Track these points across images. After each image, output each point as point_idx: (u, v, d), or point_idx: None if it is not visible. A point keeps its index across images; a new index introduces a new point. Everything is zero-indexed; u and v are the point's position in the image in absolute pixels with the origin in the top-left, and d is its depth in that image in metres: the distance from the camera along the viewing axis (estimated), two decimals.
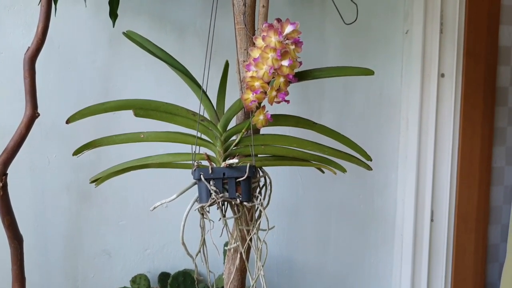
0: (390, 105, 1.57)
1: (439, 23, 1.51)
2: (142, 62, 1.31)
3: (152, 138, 0.95)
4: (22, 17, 1.23)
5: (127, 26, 1.14)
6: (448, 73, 1.53)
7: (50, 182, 1.30)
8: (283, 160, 0.97)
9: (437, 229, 1.59)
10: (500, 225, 1.72)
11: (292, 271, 1.53)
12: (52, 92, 1.27)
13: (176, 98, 1.03)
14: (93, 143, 0.97)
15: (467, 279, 1.64)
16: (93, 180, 1.01)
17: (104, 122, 1.25)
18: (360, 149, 0.99)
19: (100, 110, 0.94)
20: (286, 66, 0.83)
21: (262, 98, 0.85)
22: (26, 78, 1.01)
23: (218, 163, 0.93)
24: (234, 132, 0.93)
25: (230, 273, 0.99)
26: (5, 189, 1.03)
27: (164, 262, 1.40)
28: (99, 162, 1.26)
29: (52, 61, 1.26)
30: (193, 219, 0.91)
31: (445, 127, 1.55)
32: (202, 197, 0.88)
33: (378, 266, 1.62)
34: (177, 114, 0.93)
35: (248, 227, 0.95)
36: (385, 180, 1.59)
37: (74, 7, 1.25)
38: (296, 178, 1.50)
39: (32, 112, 1.01)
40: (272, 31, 0.82)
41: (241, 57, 0.94)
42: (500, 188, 1.70)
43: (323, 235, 1.55)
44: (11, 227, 1.06)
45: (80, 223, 1.34)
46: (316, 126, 0.96)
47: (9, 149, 1.02)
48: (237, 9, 0.93)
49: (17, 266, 1.08)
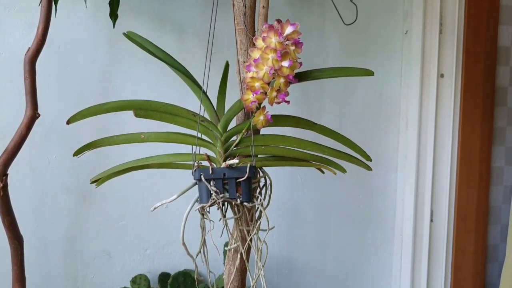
0: (390, 105, 1.57)
1: (439, 23, 1.51)
2: (141, 62, 1.31)
3: (152, 139, 0.95)
4: (22, 18, 1.23)
5: (127, 26, 1.14)
6: (448, 73, 1.53)
7: (50, 183, 1.30)
8: (283, 161, 0.98)
9: (437, 229, 1.59)
10: (500, 225, 1.72)
11: (292, 271, 1.53)
12: (52, 93, 1.27)
13: (175, 98, 1.03)
14: (93, 143, 0.97)
15: (467, 279, 1.64)
16: (94, 181, 1.01)
17: (104, 123, 1.25)
18: (360, 150, 0.99)
19: (101, 111, 0.94)
20: (286, 67, 0.83)
21: (262, 98, 0.86)
22: (27, 79, 1.01)
23: (218, 163, 0.93)
24: (234, 132, 0.93)
25: (230, 274, 0.99)
26: (6, 189, 1.04)
27: (164, 262, 1.40)
28: (99, 162, 1.26)
29: (52, 62, 1.26)
30: (193, 219, 0.91)
31: (444, 127, 1.55)
32: (202, 198, 0.88)
33: (378, 266, 1.63)
34: (177, 115, 0.93)
35: (248, 228, 0.95)
36: (385, 180, 1.60)
37: (74, 8, 1.25)
38: (296, 178, 1.50)
39: (32, 112, 1.02)
40: (272, 32, 0.82)
41: (241, 57, 0.94)
42: (499, 188, 1.70)
43: (323, 235, 1.56)
44: (11, 227, 1.06)
45: (80, 224, 1.34)
46: (316, 127, 0.96)
47: (9, 150, 1.02)
48: (237, 10, 0.93)
49: (17, 266, 1.08)
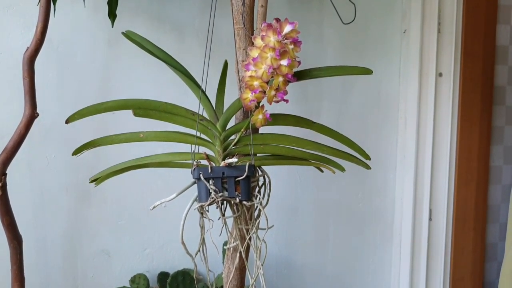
0: (388, 104, 1.57)
1: (437, 23, 1.51)
2: (140, 62, 1.31)
3: (151, 138, 0.95)
4: (21, 17, 1.23)
5: (125, 26, 1.14)
6: (446, 72, 1.53)
7: (49, 182, 1.30)
8: (282, 159, 0.98)
9: (435, 228, 1.60)
10: (498, 224, 1.72)
11: (291, 271, 1.53)
12: (51, 92, 1.27)
13: (174, 97, 1.03)
14: (92, 142, 0.97)
15: (466, 278, 1.64)
16: (93, 180, 1.01)
17: (103, 122, 1.25)
18: (359, 148, 0.99)
19: (100, 110, 0.94)
20: (285, 66, 0.83)
21: (261, 97, 0.86)
22: (25, 78, 1.01)
23: (217, 162, 0.93)
24: (233, 131, 0.93)
25: (230, 272, 0.99)
26: (5, 189, 1.04)
27: (163, 261, 1.40)
28: (97, 162, 1.26)
29: (51, 61, 1.26)
30: (192, 218, 0.91)
31: (443, 126, 1.56)
32: (201, 196, 0.89)
33: (377, 265, 1.63)
34: (176, 114, 0.93)
35: (247, 226, 0.95)
36: (384, 180, 1.60)
37: (73, 8, 1.25)
38: (295, 177, 1.50)
39: (31, 112, 1.02)
40: (271, 30, 0.82)
41: (240, 56, 0.94)
42: (498, 187, 1.71)
43: (322, 235, 1.56)
44: (10, 227, 1.06)
45: (79, 223, 1.34)
46: (315, 126, 0.96)
47: (8, 149, 1.02)
48: (235, 9, 0.93)
49: (16, 266, 1.08)
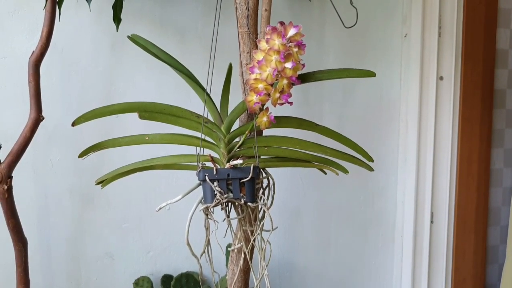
0: (390, 107, 1.58)
1: (437, 27, 1.52)
2: (144, 65, 1.32)
3: (156, 140, 0.96)
4: (26, 22, 1.24)
5: (129, 30, 1.15)
6: (447, 75, 1.54)
7: (54, 185, 1.30)
8: (286, 161, 0.99)
9: (437, 230, 1.60)
10: (499, 226, 1.73)
11: (293, 273, 1.54)
12: (55, 96, 1.27)
13: (176, 100, 1.04)
14: (98, 145, 0.98)
15: (467, 280, 1.64)
16: (99, 182, 1.02)
17: (107, 125, 1.26)
18: (362, 150, 1.00)
19: (105, 113, 0.95)
20: (290, 68, 0.84)
21: (266, 100, 0.86)
22: (31, 82, 1.02)
23: (222, 164, 0.94)
24: (237, 133, 0.94)
25: (234, 274, 1.00)
26: (10, 192, 1.04)
27: (167, 264, 1.41)
28: (102, 165, 1.27)
29: (56, 65, 1.27)
30: (195, 220, 0.92)
31: (444, 129, 1.56)
32: (206, 198, 0.89)
33: (379, 268, 1.63)
34: (181, 117, 0.94)
35: (252, 228, 0.96)
36: (385, 182, 1.60)
37: (78, 12, 1.26)
38: (297, 180, 1.51)
39: (36, 115, 1.03)
40: (275, 34, 0.83)
41: (244, 60, 0.96)
42: (498, 190, 1.71)
43: (324, 237, 1.56)
44: (15, 229, 1.07)
45: (83, 226, 1.34)
46: (318, 128, 0.97)
47: (14, 152, 1.03)
48: (240, 12, 0.94)
49: (21, 268, 1.09)
